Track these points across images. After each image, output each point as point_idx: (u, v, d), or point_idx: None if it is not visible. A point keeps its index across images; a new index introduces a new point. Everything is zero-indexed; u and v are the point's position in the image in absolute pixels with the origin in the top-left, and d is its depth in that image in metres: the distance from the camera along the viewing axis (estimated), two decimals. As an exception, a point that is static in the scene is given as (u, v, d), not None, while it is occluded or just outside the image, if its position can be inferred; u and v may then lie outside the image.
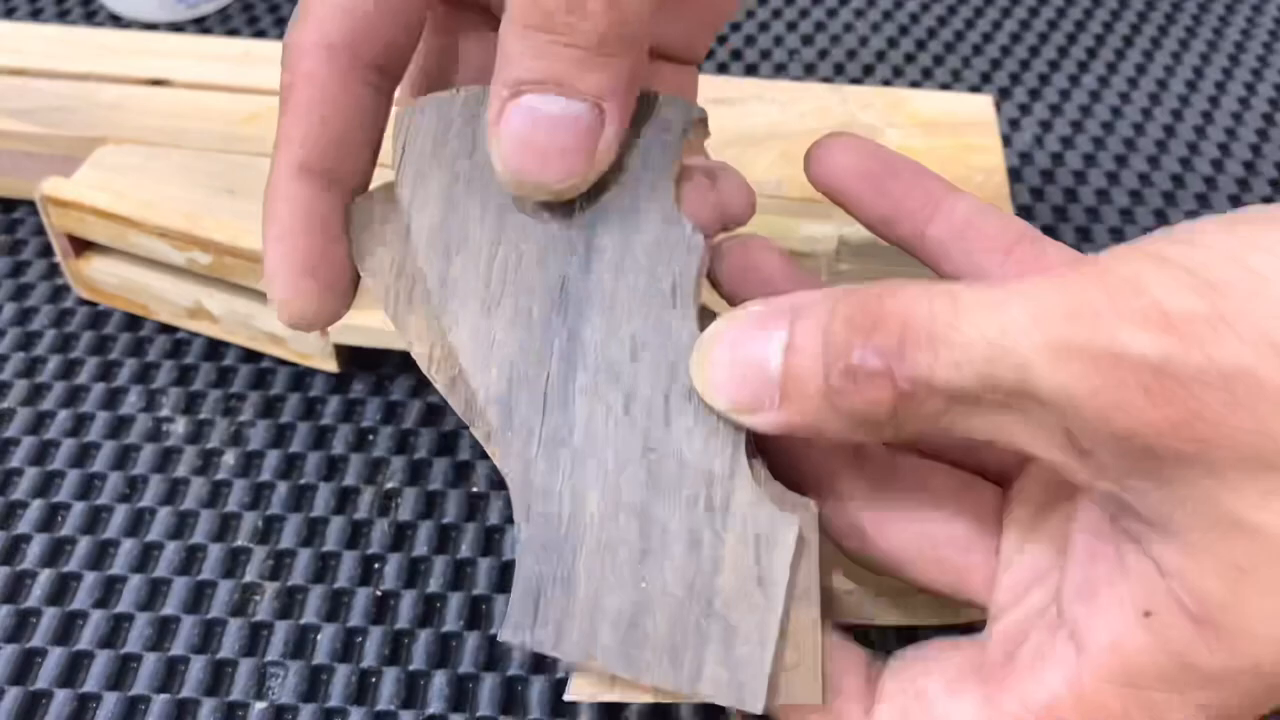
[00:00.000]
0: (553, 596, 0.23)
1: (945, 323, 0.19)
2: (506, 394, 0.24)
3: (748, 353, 0.22)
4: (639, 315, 0.23)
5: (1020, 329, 0.19)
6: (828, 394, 0.21)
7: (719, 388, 0.22)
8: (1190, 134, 0.47)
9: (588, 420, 0.23)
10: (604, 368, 0.23)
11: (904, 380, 0.20)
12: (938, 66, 0.50)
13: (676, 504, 0.23)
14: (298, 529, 0.33)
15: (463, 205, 0.24)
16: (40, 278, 0.40)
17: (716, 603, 0.22)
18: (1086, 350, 0.18)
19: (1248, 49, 0.52)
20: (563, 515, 0.23)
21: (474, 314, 0.24)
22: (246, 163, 0.38)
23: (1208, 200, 0.44)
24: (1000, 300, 0.19)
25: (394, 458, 0.35)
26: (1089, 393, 0.18)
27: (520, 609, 0.23)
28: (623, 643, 0.23)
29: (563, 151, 0.22)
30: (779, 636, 0.22)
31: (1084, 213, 0.43)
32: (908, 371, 0.20)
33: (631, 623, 0.23)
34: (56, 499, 0.34)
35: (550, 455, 0.23)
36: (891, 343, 0.20)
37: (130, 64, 0.42)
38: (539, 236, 0.24)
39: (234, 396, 0.36)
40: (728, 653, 0.22)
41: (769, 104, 0.41)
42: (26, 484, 0.34)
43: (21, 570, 0.32)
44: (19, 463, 0.34)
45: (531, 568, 0.23)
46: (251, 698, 0.29)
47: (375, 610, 0.31)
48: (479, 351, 0.24)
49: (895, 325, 0.20)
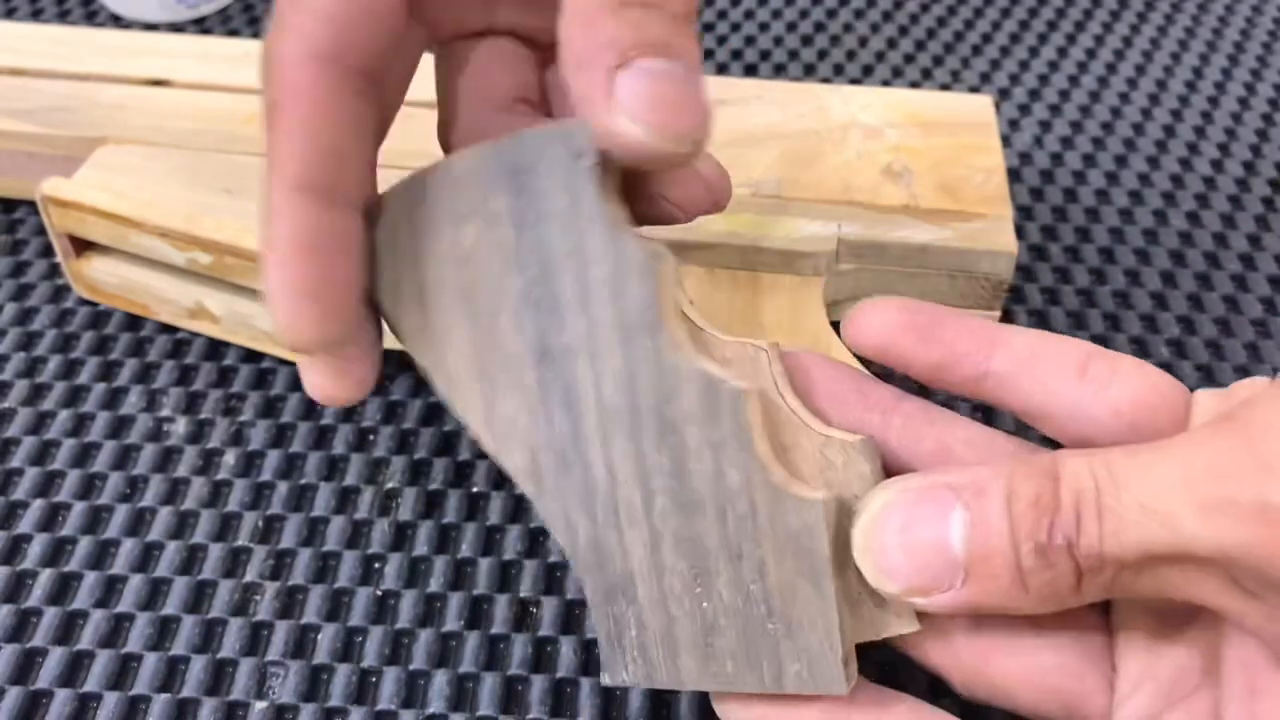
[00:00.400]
0: (631, 638, 0.24)
1: (1108, 494, 0.20)
2: (531, 465, 0.24)
3: (924, 534, 0.21)
4: (619, 350, 0.23)
5: (1171, 492, 0.20)
6: (1018, 573, 0.21)
7: (894, 572, 0.22)
8: (1190, 134, 0.47)
9: (606, 464, 0.23)
10: (605, 410, 0.23)
11: (1081, 556, 0.20)
12: (937, 67, 0.50)
13: (708, 523, 0.23)
14: (298, 529, 0.33)
15: (434, 300, 0.24)
16: (41, 278, 0.40)
17: (774, 603, 0.23)
18: (1236, 505, 0.19)
19: (1247, 49, 0.52)
20: (615, 561, 0.24)
21: (479, 402, 0.24)
22: (247, 163, 0.38)
23: (1207, 200, 0.44)
24: (1150, 464, 0.20)
25: (394, 458, 0.35)
26: (1243, 546, 0.19)
27: (610, 655, 0.25)
28: (704, 664, 0.24)
29: (690, 101, 0.22)
30: (838, 617, 0.23)
31: (1083, 213, 0.43)
32: (1084, 547, 0.20)
33: (706, 644, 0.24)
34: (57, 499, 0.34)
35: (587, 508, 0.24)
36: (1070, 518, 0.20)
37: (131, 64, 0.42)
38: (508, 304, 0.24)
39: (234, 396, 0.36)
40: (799, 648, 0.23)
41: (769, 104, 0.41)
42: (27, 484, 0.34)
43: (22, 570, 0.32)
44: (20, 463, 0.34)
45: (605, 615, 0.24)
46: (252, 697, 0.29)
47: (376, 610, 0.31)
48: (496, 437, 0.24)
49: (1070, 501, 0.20)
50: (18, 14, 0.53)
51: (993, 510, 0.21)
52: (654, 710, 0.29)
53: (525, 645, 0.30)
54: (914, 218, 0.37)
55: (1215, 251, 0.42)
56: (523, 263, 0.23)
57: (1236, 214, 0.43)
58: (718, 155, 0.39)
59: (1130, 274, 0.41)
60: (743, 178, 0.38)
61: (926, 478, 0.22)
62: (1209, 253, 0.42)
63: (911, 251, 0.36)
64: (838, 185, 0.38)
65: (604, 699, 0.29)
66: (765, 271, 0.36)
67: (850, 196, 0.37)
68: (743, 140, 0.39)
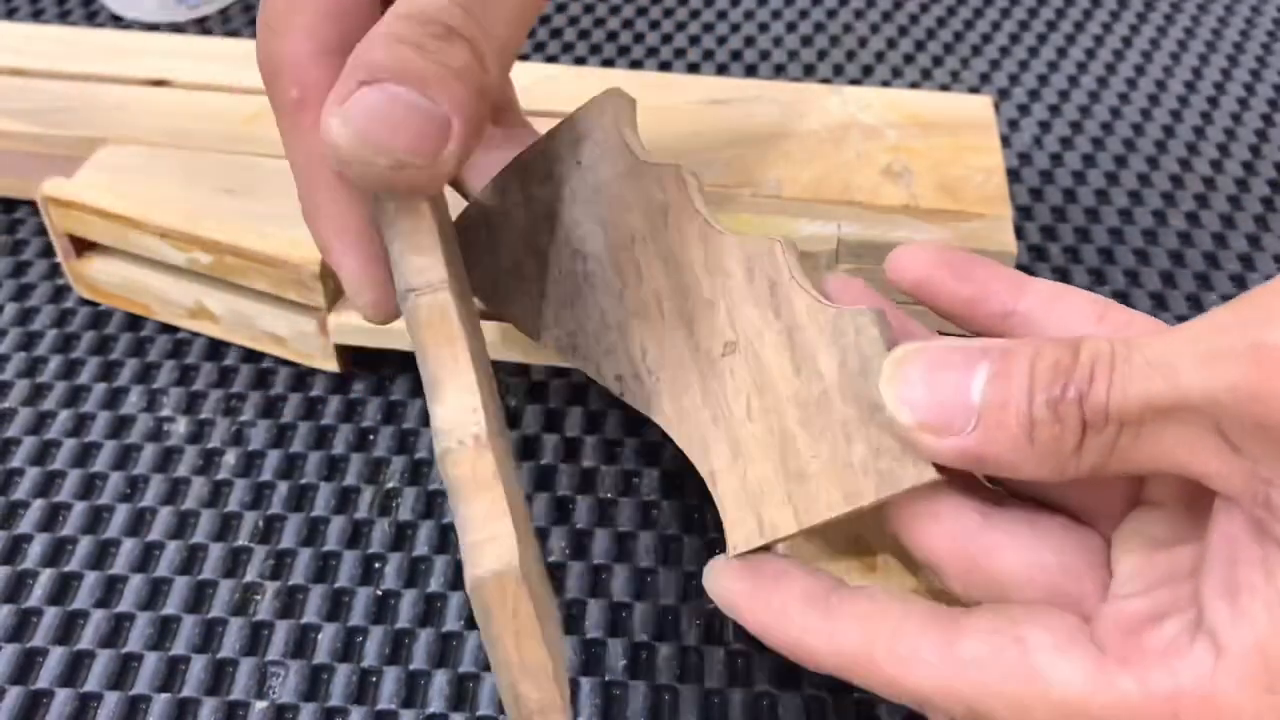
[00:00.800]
0: (767, 500, 0.25)
1: (1120, 356, 0.22)
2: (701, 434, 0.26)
3: (949, 376, 0.23)
4: (754, 310, 0.26)
5: (1176, 348, 0.21)
6: (1026, 424, 0.22)
7: (914, 404, 0.23)
8: (1189, 134, 0.47)
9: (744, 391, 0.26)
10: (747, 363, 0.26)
11: (1089, 409, 0.21)
12: (937, 67, 0.50)
13: (813, 428, 0.25)
14: (298, 529, 0.33)
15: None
16: (41, 278, 0.40)
17: (858, 433, 0.24)
18: (1231, 350, 0.20)
19: (1246, 50, 0.52)
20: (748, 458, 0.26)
21: (674, 398, 0.27)
22: (248, 163, 0.38)
23: (1206, 200, 0.44)
24: (1165, 333, 0.22)
25: (394, 457, 0.35)
26: (1232, 388, 0.20)
27: (741, 524, 0.25)
28: (838, 490, 0.25)
29: (418, 132, 0.23)
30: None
31: (1083, 213, 0.43)
32: (1092, 399, 0.21)
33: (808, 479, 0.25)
34: (58, 499, 0.34)
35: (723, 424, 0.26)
36: (1085, 375, 0.21)
37: (131, 65, 0.42)
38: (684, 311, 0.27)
39: (235, 396, 0.36)
40: (884, 457, 0.24)
41: (769, 104, 0.41)
42: (28, 484, 0.34)
43: (23, 570, 0.32)
44: (20, 463, 0.35)
45: (738, 492, 0.25)
46: (252, 697, 0.29)
47: (376, 610, 0.31)
48: (685, 432, 0.27)
49: (1087, 360, 0.22)
50: (18, 14, 0.53)
51: (1016, 368, 0.22)
52: (654, 708, 0.29)
53: (525, 645, 0.30)
54: (914, 218, 0.37)
55: (1214, 252, 0.42)
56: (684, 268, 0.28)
57: (1235, 214, 0.43)
58: (719, 156, 0.39)
59: (1129, 274, 0.41)
60: (743, 178, 0.38)
61: (966, 340, 0.23)
62: (1208, 253, 0.42)
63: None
64: (838, 185, 0.38)
65: (604, 698, 0.29)
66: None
67: (850, 196, 0.37)
68: (743, 140, 0.39)
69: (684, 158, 0.38)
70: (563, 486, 0.34)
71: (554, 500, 0.34)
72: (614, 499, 0.34)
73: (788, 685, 0.30)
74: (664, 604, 0.31)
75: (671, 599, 0.31)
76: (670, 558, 0.32)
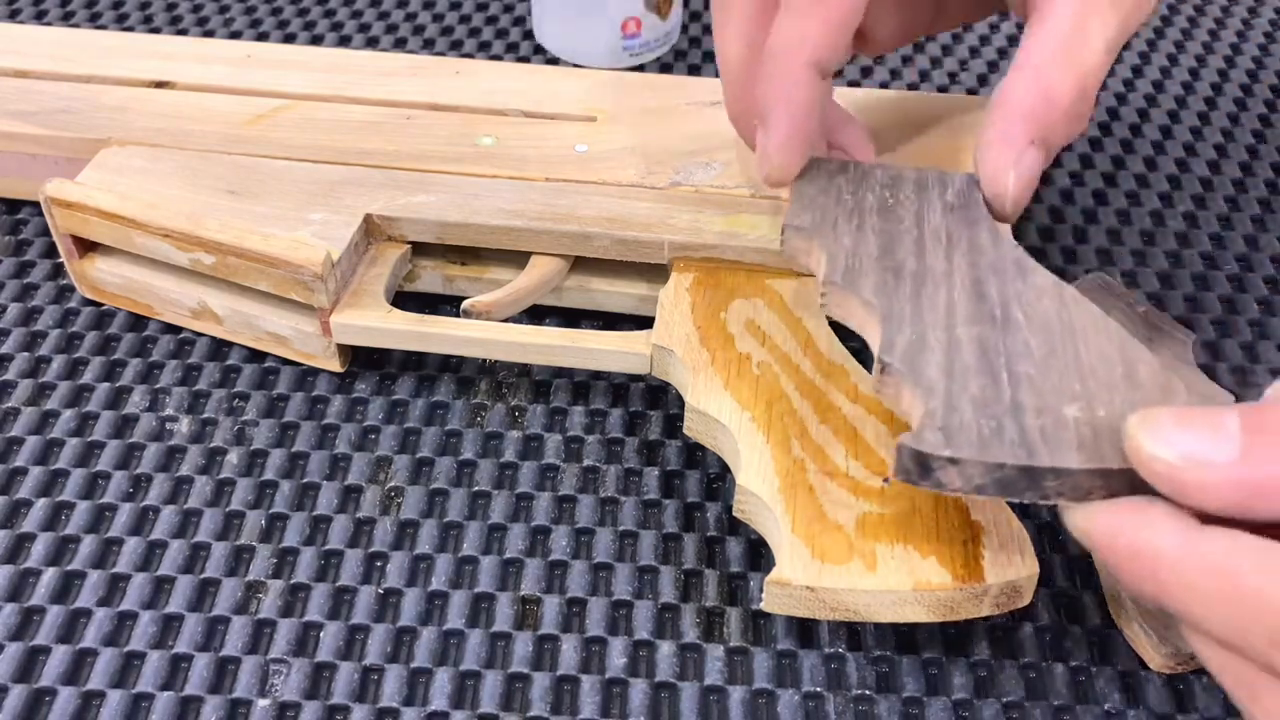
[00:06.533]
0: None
1: None
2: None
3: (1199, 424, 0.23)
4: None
5: None
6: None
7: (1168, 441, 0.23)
8: (1186, 135, 0.47)
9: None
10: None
11: None
12: (935, 68, 0.51)
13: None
14: (301, 527, 0.33)
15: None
16: (45, 278, 0.40)
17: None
18: None
19: (1243, 51, 0.52)
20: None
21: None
22: (250, 164, 0.38)
23: (1204, 201, 0.44)
24: None
25: (397, 456, 0.35)
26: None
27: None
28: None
29: (1032, 185, 0.31)
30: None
31: (1080, 213, 0.43)
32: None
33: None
34: (61, 497, 0.34)
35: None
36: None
37: (134, 66, 0.42)
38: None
39: (238, 396, 0.37)
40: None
41: (768, 106, 0.41)
42: (31, 483, 0.34)
43: (26, 569, 0.32)
44: (24, 462, 0.35)
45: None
46: (255, 695, 0.30)
47: (378, 608, 0.31)
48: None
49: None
50: (21, 16, 0.53)
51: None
52: (654, 707, 0.29)
53: (527, 643, 0.31)
54: (912, 219, 0.37)
55: (1212, 253, 0.42)
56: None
57: (1233, 215, 0.44)
58: (718, 156, 0.39)
59: (1128, 275, 0.41)
60: (743, 178, 0.38)
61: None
62: (1206, 254, 0.42)
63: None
64: (837, 186, 0.38)
65: (605, 696, 0.30)
66: (766, 271, 0.36)
67: (849, 197, 0.37)
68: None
69: (684, 158, 0.39)
70: (566, 485, 0.34)
71: (556, 499, 0.34)
72: (616, 498, 0.34)
73: (787, 684, 0.30)
74: (665, 602, 0.31)
75: (672, 598, 0.32)
76: (671, 556, 0.33)
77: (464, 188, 0.37)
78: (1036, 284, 0.30)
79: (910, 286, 0.30)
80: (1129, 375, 0.27)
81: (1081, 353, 0.28)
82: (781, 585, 0.28)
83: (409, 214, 0.36)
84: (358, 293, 0.36)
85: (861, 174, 0.34)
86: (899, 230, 0.32)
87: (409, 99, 0.42)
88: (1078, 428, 0.26)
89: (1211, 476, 0.22)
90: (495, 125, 0.40)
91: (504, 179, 0.38)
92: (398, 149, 0.39)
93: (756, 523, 0.31)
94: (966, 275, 0.30)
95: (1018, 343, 0.28)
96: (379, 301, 0.35)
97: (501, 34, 0.52)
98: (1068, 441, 0.25)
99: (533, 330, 0.35)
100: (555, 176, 0.38)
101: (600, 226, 0.36)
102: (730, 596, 0.32)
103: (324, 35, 0.52)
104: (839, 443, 0.31)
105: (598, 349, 0.34)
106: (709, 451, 0.34)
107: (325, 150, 0.39)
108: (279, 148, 0.39)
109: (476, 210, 0.37)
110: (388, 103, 0.41)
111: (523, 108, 0.41)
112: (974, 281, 0.30)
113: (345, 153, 0.39)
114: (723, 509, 0.34)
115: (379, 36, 0.52)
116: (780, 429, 0.31)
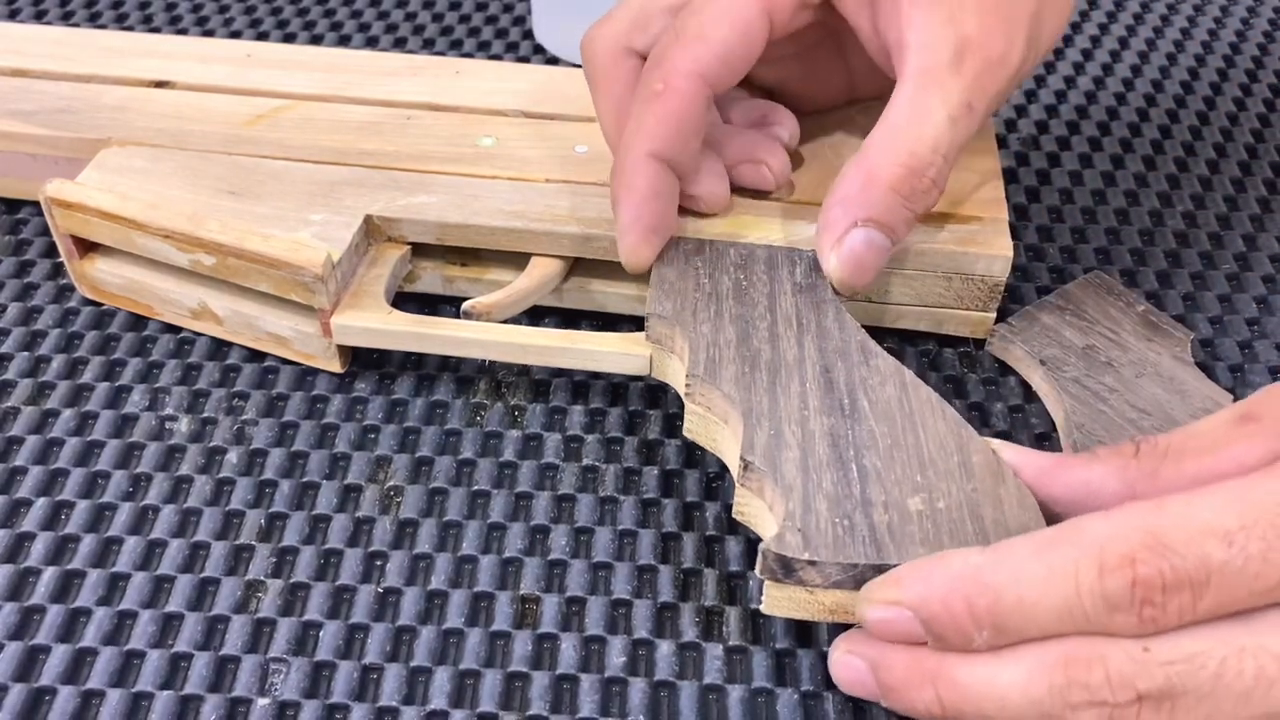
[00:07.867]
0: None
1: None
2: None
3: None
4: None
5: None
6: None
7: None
8: (1185, 134, 0.47)
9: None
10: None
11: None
12: (935, 68, 0.51)
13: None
14: (301, 527, 0.33)
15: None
16: (45, 278, 0.40)
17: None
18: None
19: (1242, 50, 0.52)
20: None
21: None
22: (250, 164, 0.38)
23: (1202, 201, 0.44)
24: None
25: (397, 455, 0.35)
26: None
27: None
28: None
29: (874, 269, 0.33)
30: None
31: (1080, 213, 0.43)
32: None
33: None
34: (60, 497, 0.34)
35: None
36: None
37: (134, 66, 0.43)
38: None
39: (237, 395, 0.37)
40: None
41: (767, 106, 0.41)
42: (31, 482, 0.34)
43: (26, 568, 0.32)
44: (24, 461, 0.35)
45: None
46: (255, 694, 0.30)
47: (378, 607, 0.31)
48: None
49: None
50: (21, 15, 0.53)
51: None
52: (653, 706, 0.29)
53: (526, 642, 0.31)
54: (911, 218, 0.37)
55: (1211, 251, 0.42)
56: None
57: (1232, 214, 0.44)
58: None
59: (1126, 274, 0.41)
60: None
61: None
62: (1204, 253, 0.42)
63: (908, 254, 0.36)
64: (836, 186, 0.38)
65: (604, 695, 0.30)
66: (764, 272, 0.36)
67: (848, 197, 0.37)
68: (741, 142, 0.39)
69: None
70: (565, 485, 0.34)
71: (556, 498, 0.34)
72: (615, 497, 0.34)
73: (785, 683, 0.30)
74: (664, 601, 0.32)
75: (671, 597, 0.32)
76: (670, 556, 0.33)
77: (464, 188, 0.38)
78: (880, 369, 0.32)
79: (766, 377, 0.31)
80: (964, 464, 0.29)
81: (922, 440, 0.30)
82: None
83: (409, 215, 0.37)
84: (358, 294, 0.36)
85: (716, 254, 0.35)
86: (753, 315, 0.33)
87: (409, 99, 0.42)
88: (920, 521, 0.28)
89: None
90: (495, 125, 0.40)
91: (504, 180, 0.38)
92: (398, 149, 0.39)
93: (755, 523, 0.31)
94: (816, 362, 0.32)
95: (864, 433, 0.30)
96: (379, 302, 0.35)
97: (501, 34, 0.52)
98: (912, 536, 0.28)
99: (532, 331, 0.35)
100: (555, 177, 0.38)
101: (601, 228, 0.36)
102: (729, 596, 0.32)
103: (324, 35, 0.52)
104: None
105: (597, 350, 0.34)
106: (708, 451, 0.34)
107: (325, 150, 0.39)
108: (279, 148, 0.39)
109: (477, 211, 0.37)
110: (388, 103, 0.41)
111: (523, 108, 0.41)
112: (823, 369, 0.32)
113: (345, 153, 0.39)
114: (722, 508, 0.34)
115: (379, 36, 0.52)
116: None
